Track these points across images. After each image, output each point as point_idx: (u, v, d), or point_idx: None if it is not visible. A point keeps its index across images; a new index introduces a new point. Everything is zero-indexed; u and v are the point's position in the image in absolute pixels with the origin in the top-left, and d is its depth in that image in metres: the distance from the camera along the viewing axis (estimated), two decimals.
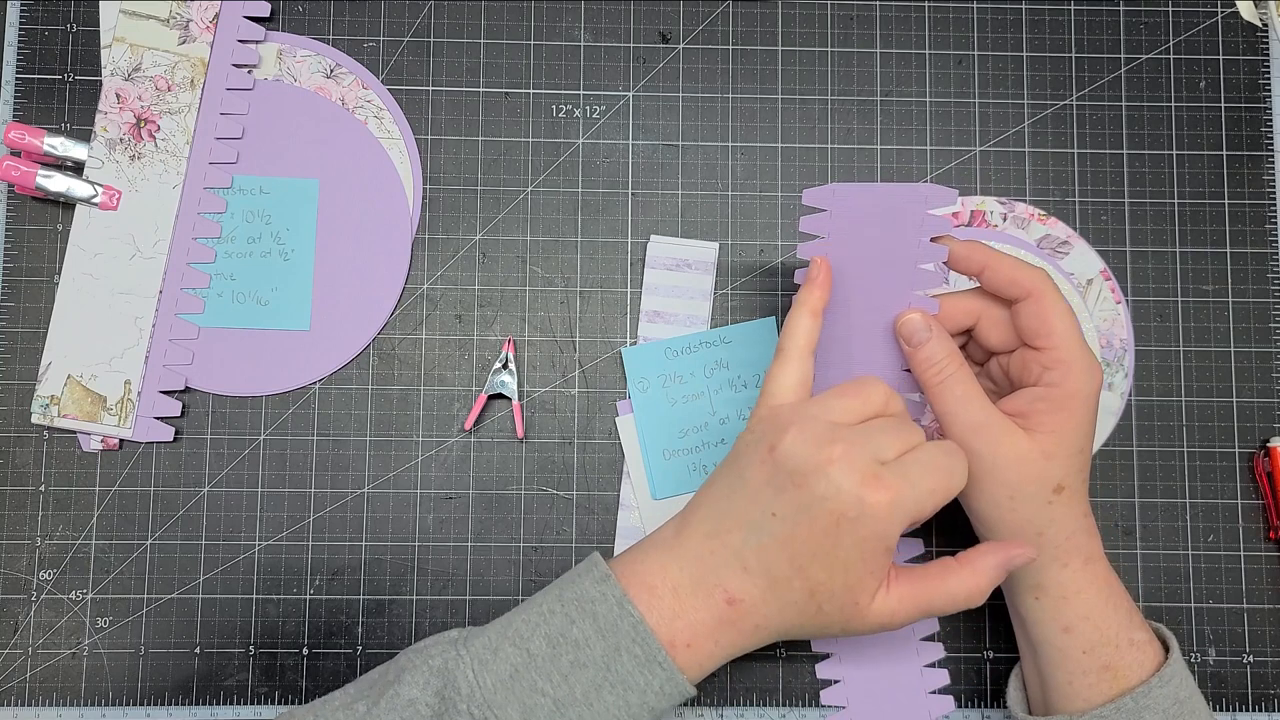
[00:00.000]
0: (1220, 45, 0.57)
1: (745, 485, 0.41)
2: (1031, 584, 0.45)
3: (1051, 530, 0.44)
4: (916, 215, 0.45)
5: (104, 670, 0.53)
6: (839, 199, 0.46)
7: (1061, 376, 0.43)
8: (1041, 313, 0.43)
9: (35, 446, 0.54)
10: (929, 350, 0.44)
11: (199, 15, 0.55)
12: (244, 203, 0.54)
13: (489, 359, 0.55)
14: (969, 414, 0.43)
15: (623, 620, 0.40)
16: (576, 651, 0.40)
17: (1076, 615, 0.44)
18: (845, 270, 0.46)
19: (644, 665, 0.39)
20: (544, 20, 0.57)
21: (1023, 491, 0.43)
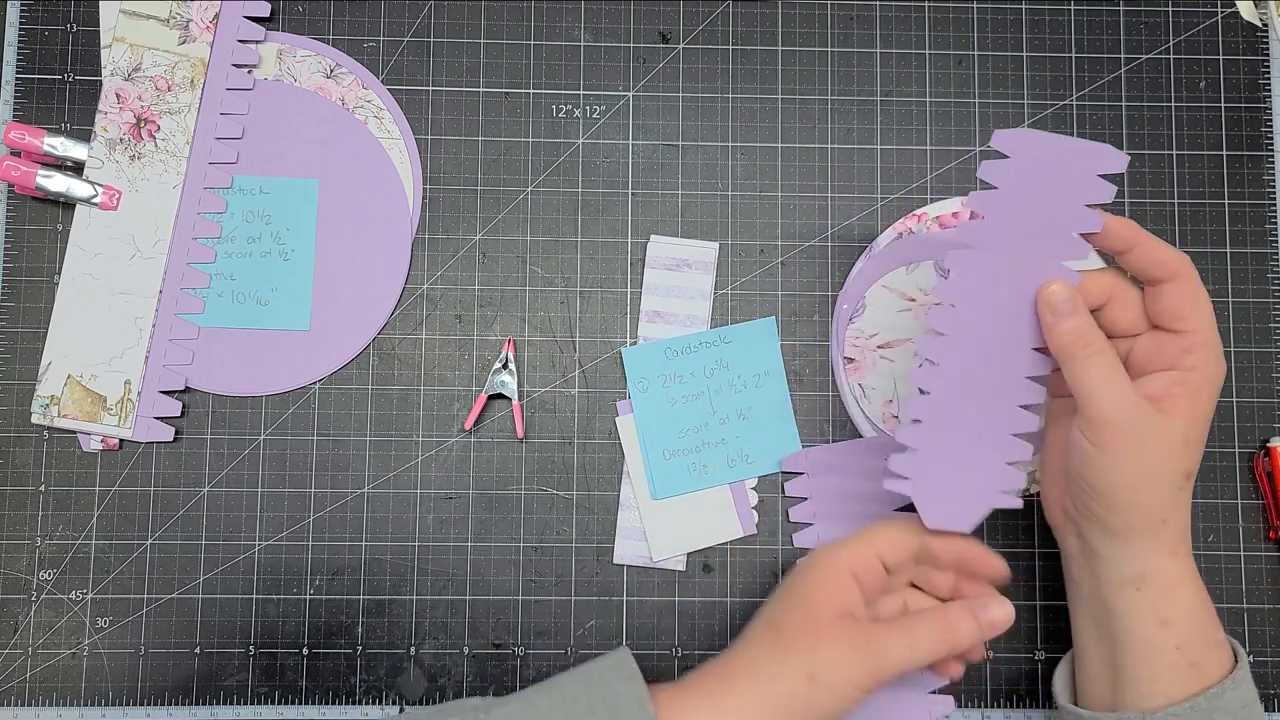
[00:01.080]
0: (1220, 45, 0.57)
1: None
2: (1134, 574, 0.44)
3: (1175, 518, 0.43)
4: (1085, 175, 0.44)
5: (104, 670, 0.53)
6: (1023, 146, 0.44)
7: (1200, 361, 0.43)
8: (1188, 295, 0.43)
9: (35, 446, 0.54)
10: (1076, 322, 0.43)
11: (199, 15, 0.55)
12: (244, 203, 0.54)
13: (489, 359, 0.55)
14: (1117, 391, 0.42)
15: (640, 716, 0.41)
16: None
17: (1177, 609, 0.43)
18: (1004, 225, 0.45)
19: None
20: (544, 20, 0.57)
21: (1160, 475, 0.42)
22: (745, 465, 0.54)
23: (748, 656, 0.44)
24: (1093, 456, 0.43)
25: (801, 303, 0.55)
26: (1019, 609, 0.54)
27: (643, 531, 0.54)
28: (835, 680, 0.42)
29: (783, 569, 0.54)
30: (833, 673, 0.42)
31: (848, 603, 0.44)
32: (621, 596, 0.54)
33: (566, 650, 0.53)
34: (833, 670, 0.42)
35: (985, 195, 0.45)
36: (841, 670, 0.42)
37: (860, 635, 0.43)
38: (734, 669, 0.43)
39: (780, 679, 0.42)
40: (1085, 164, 0.44)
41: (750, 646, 0.44)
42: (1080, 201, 0.44)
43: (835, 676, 0.42)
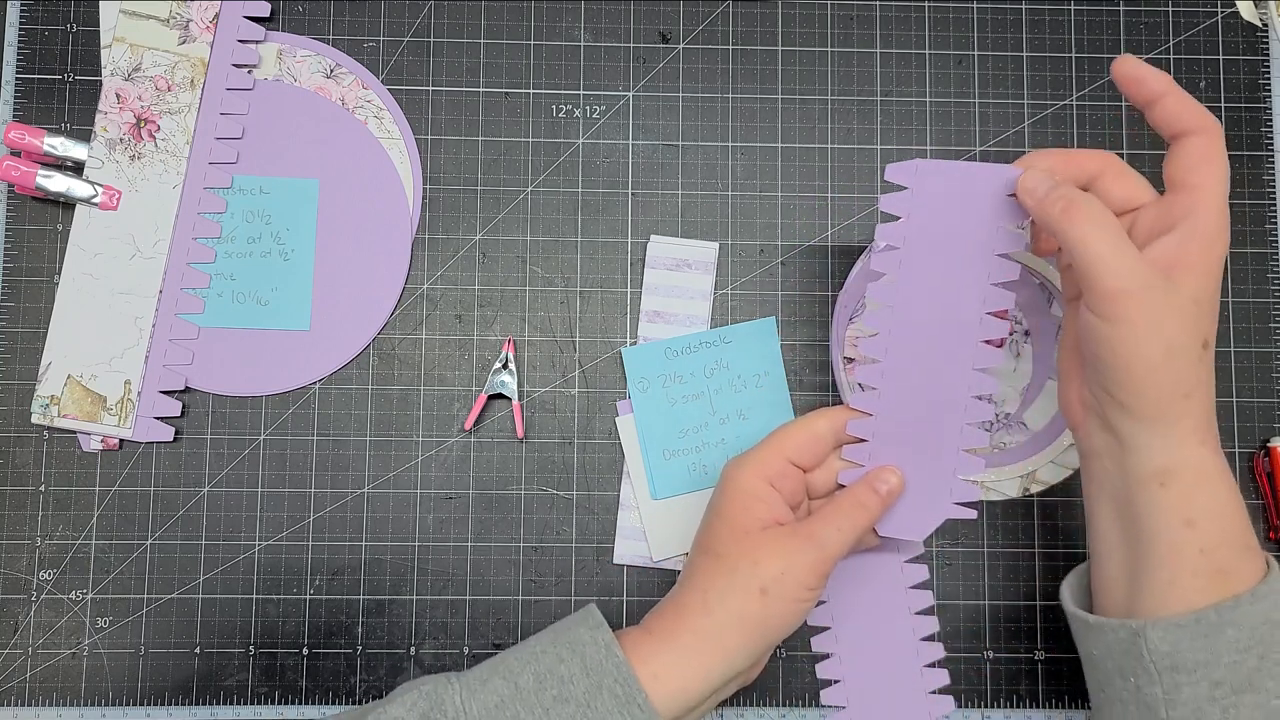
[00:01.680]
0: (1220, 45, 0.57)
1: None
2: (1159, 467, 0.40)
3: (1198, 392, 0.40)
4: (998, 199, 0.44)
5: (104, 670, 0.53)
6: (921, 177, 0.44)
7: (1206, 221, 0.40)
8: (1206, 151, 0.40)
9: (35, 446, 0.54)
10: (1063, 190, 0.40)
11: (199, 15, 0.55)
12: (244, 203, 0.54)
13: (489, 359, 0.55)
14: (1126, 258, 0.38)
15: (608, 661, 0.41)
16: (561, 687, 0.41)
17: (1203, 509, 0.40)
18: (920, 255, 0.45)
19: (623, 704, 0.40)
20: (544, 20, 0.57)
21: (1179, 344, 0.39)
22: None
23: (696, 589, 0.43)
24: (1106, 332, 0.39)
25: (801, 303, 0.55)
26: (1019, 609, 0.54)
27: (643, 531, 0.54)
28: (785, 588, 0.42)
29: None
30: (781, 582, 0.42)
31: (772, 511, 0.44)
32: (621, 596, 0.54)
33: None
34: (781, 579, 0.42)
35: (891, 227, 0.45)
36: (789, 576, 0.42)
37: (795, 538, 0.43)
38: (685, 604, 0.43)
39: (732, 602, 0.42)
40: (990, 186, 0.44)
41: (695, 578, 0.44)
42: (997, 224, 0.44)
43: (784, 584, 0.42)
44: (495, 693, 0.41)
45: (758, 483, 0.44)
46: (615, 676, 0.41)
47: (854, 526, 0.44)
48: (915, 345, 0.46)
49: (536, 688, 0.41)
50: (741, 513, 0.44)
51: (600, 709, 0.40)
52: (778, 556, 0.42)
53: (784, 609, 0.42)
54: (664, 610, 0.44)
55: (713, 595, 0.43)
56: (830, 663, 0.53)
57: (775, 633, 0.43)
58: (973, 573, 0.54)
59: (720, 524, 0.44)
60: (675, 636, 0.42)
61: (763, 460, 0.44)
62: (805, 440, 0.45)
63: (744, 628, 0.42)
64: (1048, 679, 0.54)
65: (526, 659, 0.42)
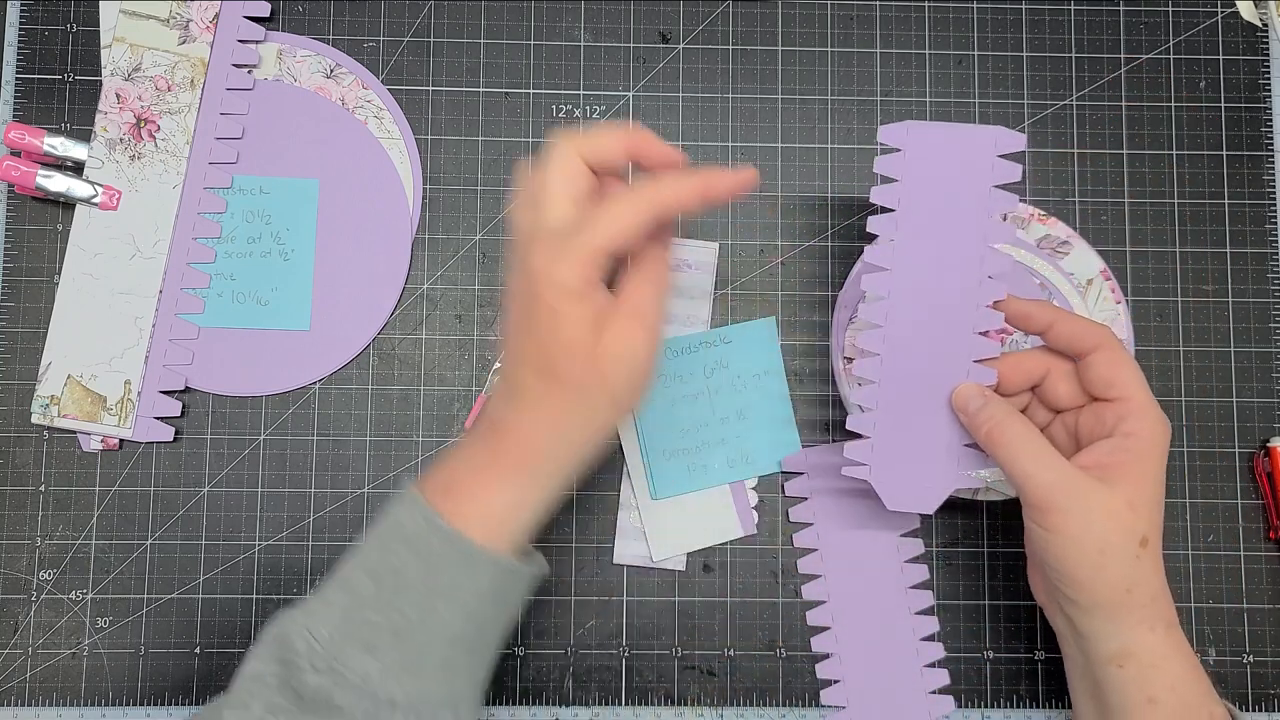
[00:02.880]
0: (1220, 45, 0.57)
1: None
2: (1115, 651, 0.43)
3: (1139, 588, 0.43)
4: (986, 159, 0.45)
5: (104, 670, 0.53)
6: (913, 137, 0.45)
7: (1137, 425, 0.43)
8: (1113, 362, 0.44)
9: (35, 446, 0.54)
10: (989, 411, 0.44)
11: (199, 15, 0.55)
12: (244, 203, 0.54)
13: (489, 359, 0.55)
14: (1049, 470, 0.42)
15: (432, 534, 0.39)
16: (397, 577, 0.39)
17: (1163, 686, 0.43)
18: (917, 216, 0.45)
19: (465, 567, 0.39)
20: (544, 20, 0.57)
21: (1112, 545, 0.42)
22: (745, 465, 0.54)
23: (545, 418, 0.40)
24: (1045, 539, 0.43)
25: (801, 303, 0.55)
26: (1019, 609, 0.54)
27: (643, 531, 0.54)
28: (635, 386, 0.41)
29: (783, 569, 0.54)
30: (631, 380, 0.40)
31: (600, 308, 0.40)
32: (621, 596, 0.54)
33: (566, 650, 0.53)
34: (630, 379, 0.40)
35: (887, 189, 0.46)
36: (636, 374, 0.41)
37: (630, 327, 0.40)
38: (534, 434, 0.41)
39: (592, 423, 0.41)
40: (983, 147, 0.45)
41: (541, 407, 0.40)
42: (988, 184, 0.45)
43: (634, 382, 0.41)
44: (337, 607, 0.39)
45: (586, 286, 0.39)
46: (443, 545, 0.39)
47: (662, 273, 0.42)
48: (915, 310, 0.46)
49: (375, 588, 0.39)
50: (578, 324, 0.39)
51: (443, 581, 0.39)
52: (619, 361, 0.40)
53: (632, 403, 0.42)
54: (500, 439, 0.41)
55: (564, 422, 0.40)
56: (830, 663, 0.53)
57: (623, 421, 0.42)
58: (973, 573, 0.54)
59: (554, 342, 0.39)
60: (522, 463, 0.40)
61: (585, 259, 0.39)
62: (627, 231, 0.40)
63: (596, 439, 0.41)
64: (1048, 679, 0.54)
65: (357, 562, 0.40)
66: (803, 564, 0.54)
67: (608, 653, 0.53)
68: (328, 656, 0.38)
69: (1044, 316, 0.46)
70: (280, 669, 0.39)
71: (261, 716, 0.38)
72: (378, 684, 0.38)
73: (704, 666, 0.53)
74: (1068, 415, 0.47)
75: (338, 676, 0.38)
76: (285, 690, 0.38)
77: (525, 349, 0.41)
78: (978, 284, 0.45)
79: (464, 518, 0.40)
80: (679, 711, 0.53)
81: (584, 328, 0.39)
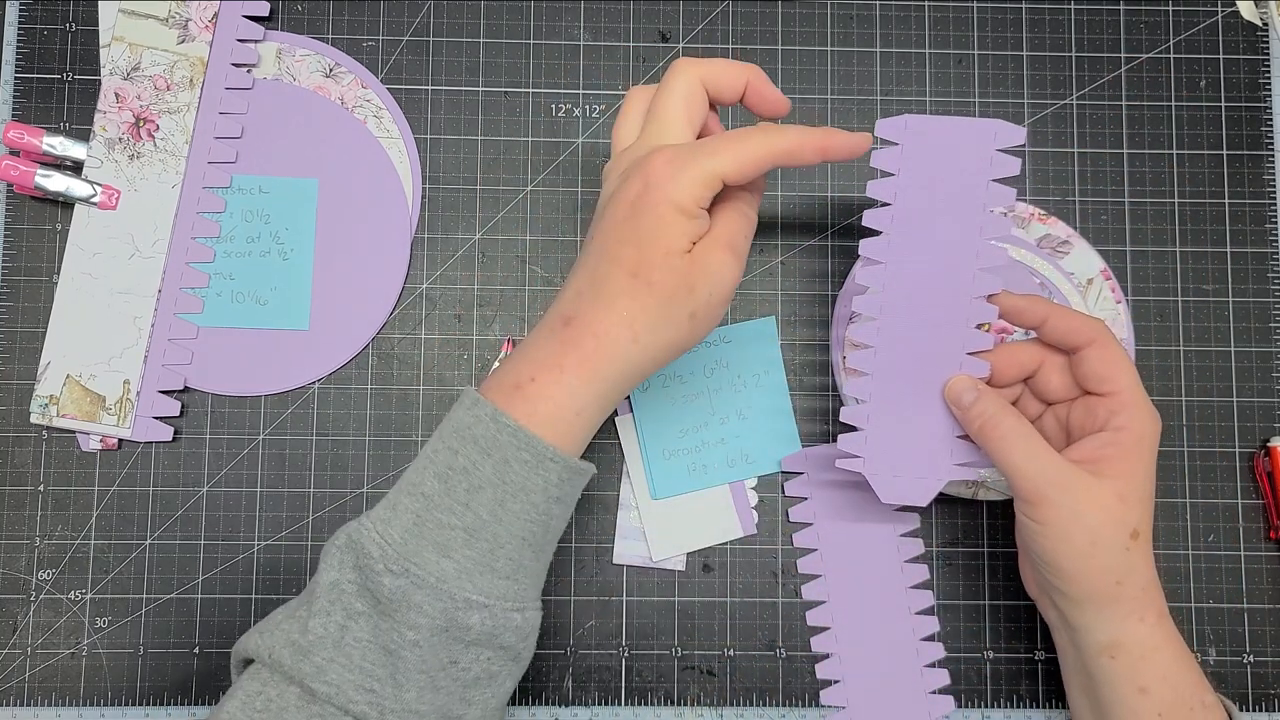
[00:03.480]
0: (1220, 45, 0.57)
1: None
2: (1106, 642, 0.44)
3: (1130, 579, 0.43)
4: (985, 153, 0.45)
5: (103, 670, 0.53)
6: (911, 131, 0.45)
7: (1128, 420, 0.44)
8: (1106, 357, 0.44)
9: (34, 446, 0.54)
10: (981, 406, 0.45)
11: (198, 14, 0.54)
12: (243, 202, 0.54)
13: (489, 359, 0.55)
14: (1039, 463, 0.43)
15: (500, 433, 0.40)
16: (468, 478, 0.40)
17: (1154, 676, 0.43)
18: (913, 212, 0.45)
19: (535, 466, 0.40)
20: (544, 20, 0.56)
21: (1102, 537, 0.42)
22: (745, 465, 0.54)
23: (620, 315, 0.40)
24: (1035, 531, 0.43)
25: (801, 303, 0.55)
26: (1019, 610, 0.54)
27: (642, 531, 0.54)
28: (712, 309, 0.41)
29: (783, 569, 0.54)
30: (709, 304, 0.41)
31: (701, 230, 0.41)
32: (621, 596, 0.54)
33: (566, 650, 0.53)
34: (709, 301, 0.41)
35: (883, 182, 0.46)
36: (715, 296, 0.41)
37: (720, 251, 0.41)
38: (608, 332, 0.40)
39: (663, 332, 0.40)
40: (981, 141, 0.45)
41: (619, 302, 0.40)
42: (986, 178, 0.45)
43: (711, 306, 0.41)
44: (408, 511, 0.40)
45: (695, 205, 0.40)
46: (515, 445, 0.39)
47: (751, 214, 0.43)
48: (909, 302, 0.46)
49: (445, 489, 0.40)
50: (680, 237, 0.40)
51: (515, 480, 0.39)
52: (708, 278, 0.41)
53: (705, 328, 0.42)
54: (575, 335, 0.40)
55: (641, 323, 0.40)
56: (830, 663, 0.53)
57: (690, 348, 0.42)
58: (973, 573, 0.54)
59: (654, 248, 0.40)
60: (594, 366, 0.40)
61: (701, 178, 0.40)
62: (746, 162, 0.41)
63: (668, 352, 0.41)
64: (1048, 679, 0.54)
65: (423, 465, 0.41)
66: (803, 564, 0.54)
67: (607, 653, 0.53)
68: (402, 559, 0.39)
69: (1038, 311, 0.46)
70: (357, 575, 0.39)
71: (343, 623, 0.39)
72: (453, 583, 0.39)
73: (704, 666, 0.53)
74: (1059, 407, 0.47)
75: (414, 577, 0.38)
76: (364, 594, 0.39)
77: (622, 251, 0.40)
78: (973, 277, 0.45)
79: (533, 417, 0.40)
80: (679, 711, 0.53)
81: (685, 242, 0.40)
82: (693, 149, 0.41)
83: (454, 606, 0.39)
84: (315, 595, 0.39)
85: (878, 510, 0.53)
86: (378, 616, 0.39)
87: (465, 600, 0.39)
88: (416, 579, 0.38)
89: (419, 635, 0.39)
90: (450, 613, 0.39)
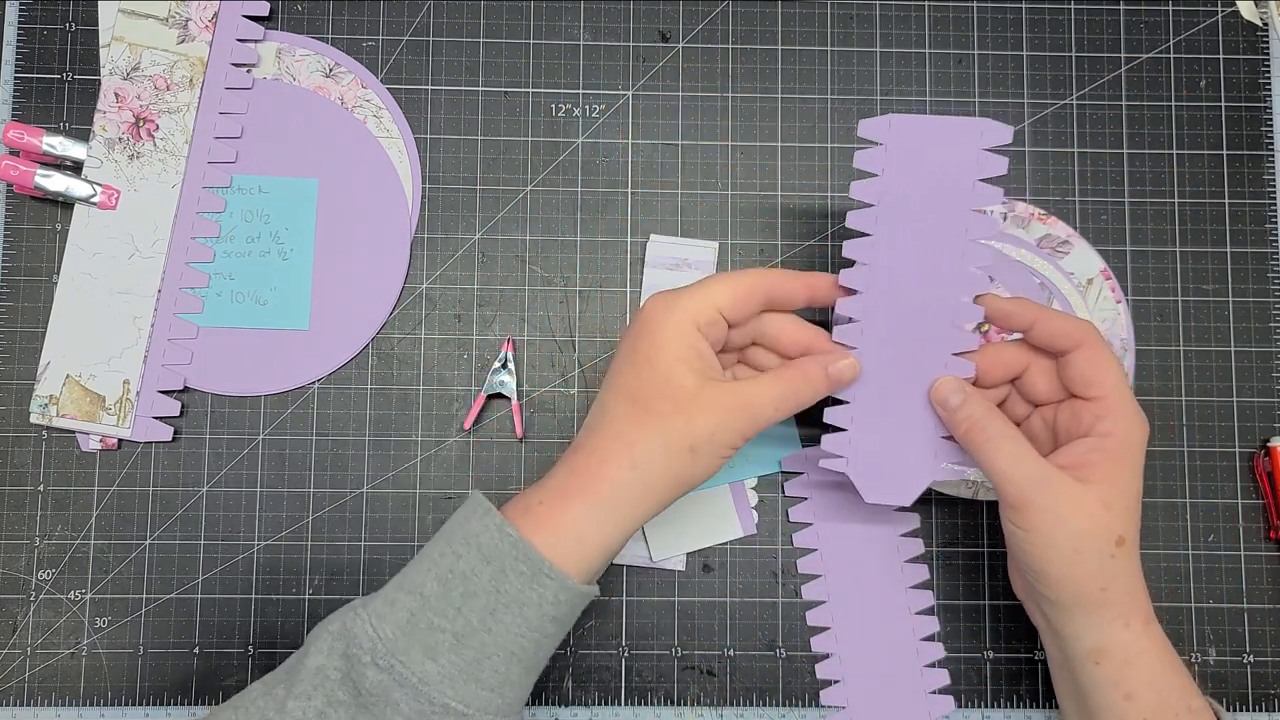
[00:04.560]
0: (1220, 45, 0.57)
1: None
2: (1091, 648, 0.43)
3: (1115, 585, 0.43)
4: (972, 152, 0.44)
5: (103, 670, 0.53)
6: (895, 131, 0.45)
7: (1114, 425, 0.43)
8: (1094, 361, 0.44)
9: (34, 446, 0.54)
10: (968, 409, 0.44)
11: (198, 14, 0.54)
12: (243, 202, 0.54)
13: (489, 359, 0.55)
14: (1025, 469, 0.42)
15: (503, 542, 0.40)
16: (465, 583, 0.40)
17: (1140, 681, 0.43)
18: (898, 213, 0.45)
19: (531, 580, 0.40)
20: (544, 20, 0.56)
21: (1087, 544, 0.42)
22: (745, 465, 0.54)
23: (620, 441, 0.42)
24: (1021, 537, 0.43)
25: None
26: (1019, 609, 0.54)
27: (642, 531, 0.54)
28: (714, 448, 0.42)
29: (783, 569, 0.54)
30: (712, 441, 0.41)
31: (706, 365, 0.43)
32: (621, 596, 0.54)
33: (566, 650, 0.53)
34: (712, 439, 0.41)
35: (867, 183, 0.45)
36: (720, 437, 0.42)
37: (732, 400, 0.42)
38: (608, 456, 0.42)
39: (659, 460, 0.41)
40: (968, 140, 0.45)
41: (619, 429, 0.42)
42: (972, 178, 0.45)
43: (714, 445, 0.42)
44: (404, 609, 0.40)
45: (692, 331, 0.42)
46: (514, 555, 0.40)
47: (792, 404, 0.44)
48: (894, 304, 0.45)
49: (442, 592, 0.40)
50: (677, 363, 0.42)
51: (510, 592, 0.40)
52: (711, 416, 0.41)
53: (708, 466, 0.42)
54: (580, 462, 0.42)
55: (640, 450, 0.41)
56: (830, 663, 0.53)
57: (693, 486, 0.43)
58: (973, 573, 0.54)
59: (651, 372, 0.42)
60: (594, 491, 0.41)
61: (696, 306, 0.43)
62: (739, 295, 0.43)
63: (667, 484, 0.42)
64: (1047, 679, 0.53)
65: (426, 567, 0.41)
66: (802, 564, 0.54)
67: (607, 653, 0.53)
68: (389, 655, 0.39)
69: (1025, 315, 0.45)
70: (344, 663, 0.40)
71: (322, 710, 0.39)
72: (435, 686, 0.39)
73: (704, 666, 0.53)
74: (1047, 409, 0.47)
75: (397, 675, 0.39)
76: (347, 684, 0.39)
77: (623, 379, 0.43)
78: (958, 278, 0.45)
79: (538, 535, 0.41)
80: (679, 711, 0.53)
81: (682, 369, 0.42)
82: (690, 286, 0.44)
83: (430, 709, 0.39)
84: (299, 677, 0.40)
85: (878, 510, 0.53)
86: (357, 708, 0.39)
87: (444, 705, 0.39)
88: (399, 677, 0.39)
89: None
90: (426, 715, 0.39)
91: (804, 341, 0.46)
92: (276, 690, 0.40)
